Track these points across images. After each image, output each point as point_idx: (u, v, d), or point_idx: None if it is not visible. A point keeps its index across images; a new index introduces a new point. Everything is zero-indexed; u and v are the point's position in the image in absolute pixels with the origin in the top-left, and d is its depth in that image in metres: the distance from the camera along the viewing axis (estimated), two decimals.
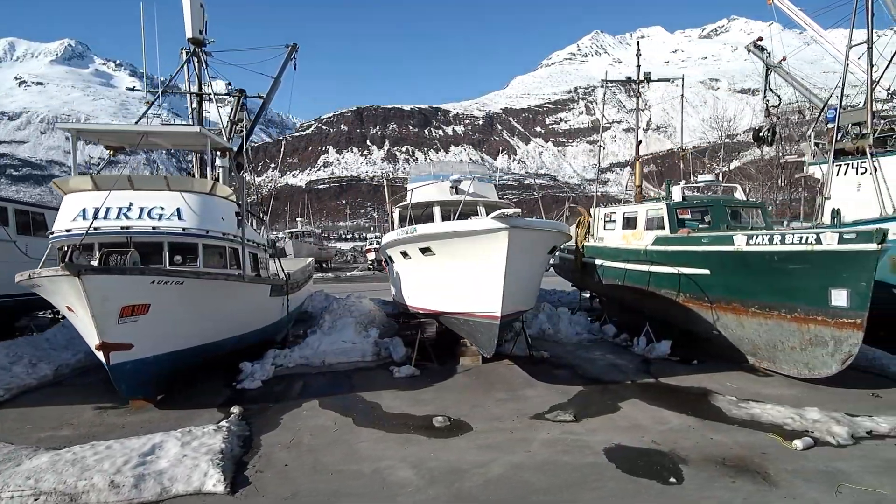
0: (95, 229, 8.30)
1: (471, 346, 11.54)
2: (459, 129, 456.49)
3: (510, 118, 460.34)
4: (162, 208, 8.87)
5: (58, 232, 9.00)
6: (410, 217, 12.64)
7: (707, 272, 10.47)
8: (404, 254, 10.46)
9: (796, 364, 9.48)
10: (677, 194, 13.31)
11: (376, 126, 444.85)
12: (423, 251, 9.59)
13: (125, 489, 5.64)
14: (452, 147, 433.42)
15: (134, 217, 8.74)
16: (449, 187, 13.44)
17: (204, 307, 8.62)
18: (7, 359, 10.18)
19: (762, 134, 17.62)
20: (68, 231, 8.60)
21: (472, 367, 11.19)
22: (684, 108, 18.84)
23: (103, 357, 7.62)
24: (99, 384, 9.55)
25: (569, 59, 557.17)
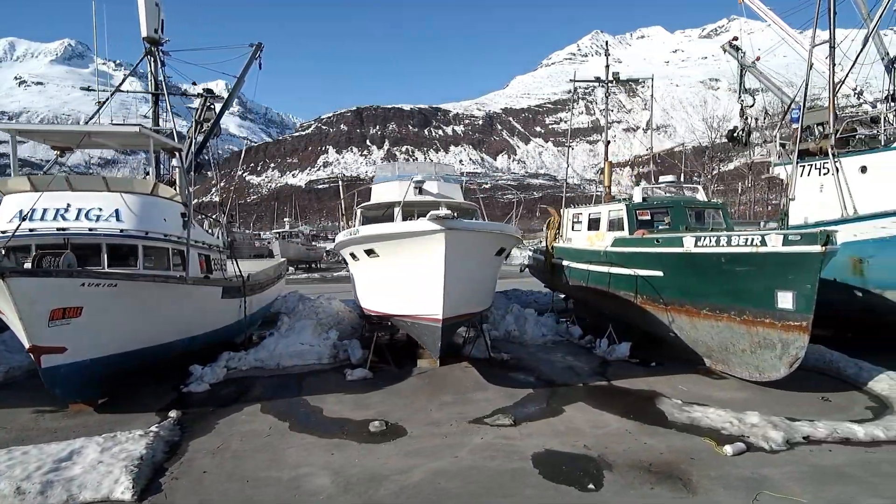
0: (31, 231, 8.20)
1: None
2: (459, 129, 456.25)
3: (510, 118, 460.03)
4: (100, 209, 8.77)
5: None
6: (372, 218, 12.55)
7: (661, 274, 10.37)
8: (353, 255, 10.35)
9: (748, 367, 9.38)
10: (638, 195, 13.20)
11: (376, 126, 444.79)
12: (368, 253, 9.49)
13: (30, 496, 5.54)
14: (452, 147, 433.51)
15: (71, 218, 8.64)
16: (412, 188, 13.33)
17: (143, 309, 8.52)
18: None
19: (736, 134, 17.52)
20: (3, 233, 8.51)
21: (429, 370, 11.08)
22: (684, 108, 18.65)
23: (35, 360, 7.53)
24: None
25: (569, 59, 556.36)
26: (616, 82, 17.23)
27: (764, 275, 8.54)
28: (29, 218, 8.23)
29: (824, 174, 12.68)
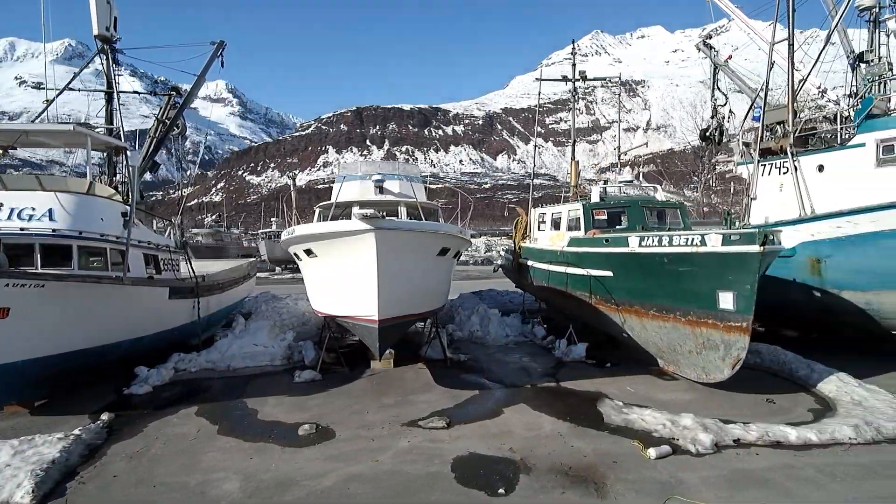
0: None
1: None
2: (459, 129, 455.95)
3: (510, 118, 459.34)
4: (33, 209, 8.65)
5: None
6: (330, 217, 12.41)
7: (610, 274, 10.25)
8: (297, 255, 10.25)
9: (695, 368, 9.26)
10: (595, 195, 13.08)
11: (376, 126, 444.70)
12: (307, 253, 9.37)
13: None
14: (452, 147, 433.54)
15: (3, 218, 8.52)
16: (373, 187, 13.23)
17: (77, 310, 8.40)
18: None
19: (709, 134, 17.38)
20: None
21: (381, 371, 10.99)
22: (684, 108, 18.45)
23: None
24: None
25: (569, 59, 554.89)
26: (583, 80, 17.12)
27: (705, 275, 8.42)
28: None
29: (784, 173, 12.54)
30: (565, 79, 17.45)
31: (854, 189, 11.05)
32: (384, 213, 10.67)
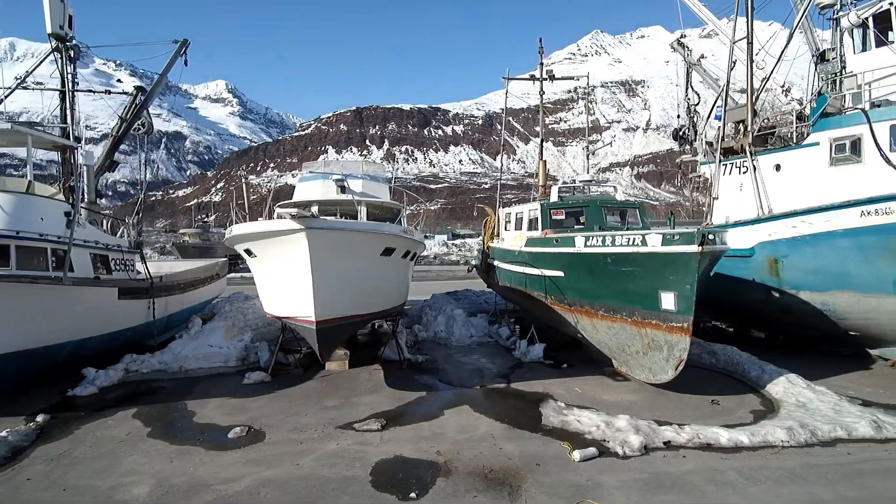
0: None
1: (337, 351, 11.27)
2: (459, 129, 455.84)
3: (510, 118, 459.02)
4: None
5: None
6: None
7: (562, 274, 10.15)
8: (239, 256, 10.16)
9: (643, 369, 9.18)
10: (554, 195, 12.98)
11: (376, 126, 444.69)
12: (248, 253, 9.28)
13: None
14: (452, 147, 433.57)
15: None
16: (335, 187, 13.14)
17: (13, 311, 8.32)
18: None
19: (682, 133, 17.26)
20: None
21: (334, 373, 10.91)
22: (684, 108, 18.26)
23: None
24: None
25: (569, 59, 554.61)
26: (551, 80, 17.01)
27: (647, 275, 8.33)
28: None
29: (743, 173, 12.43)
30: (532, 78, 17.35)
31: (809, 188, 10.94)
32: (338, 212, 10.65)
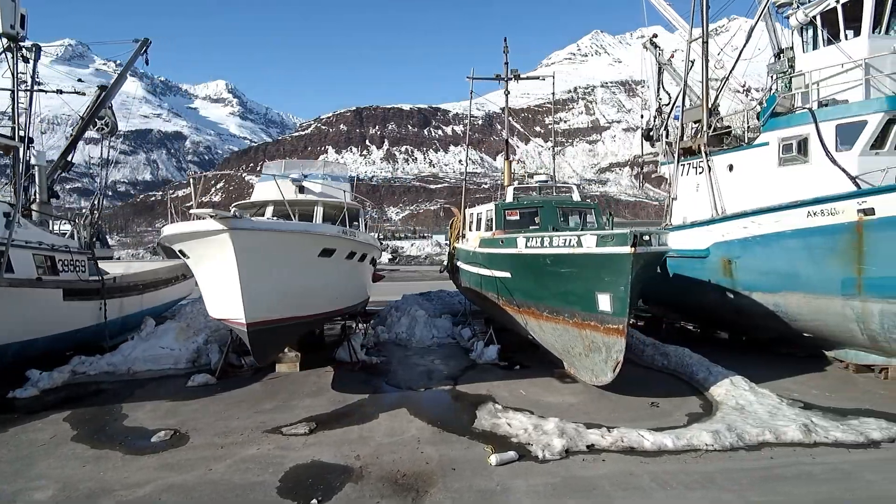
0: None
1: (288, 353, 11.20)
2: (459, 129, 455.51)
3: (510, 118, 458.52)
4: None
5: None
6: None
7: (509, 275, 10.06)
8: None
9: (586, 371, 9.08)
10: (510, 195, 12.89)
11: (376, 126, 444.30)
12: (182, 254, 9.18)
13: None
14: (452, 147, 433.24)
15: None
16: (293, 187, 13.05)
17: None
18: None
19: (652, 133, 17.13)
20: None
21: (283, 375, 10.83)
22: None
23: None
24: None
25: (569, 59, 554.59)
26: (516, 79, 16.94)
27: (584, 277, 8.24)
28: None
29: (700, 173, 12.33)
30: (497, 77, 17.27)
31: (760, 189, 10.84)
32: (296, 213, 10.54)
